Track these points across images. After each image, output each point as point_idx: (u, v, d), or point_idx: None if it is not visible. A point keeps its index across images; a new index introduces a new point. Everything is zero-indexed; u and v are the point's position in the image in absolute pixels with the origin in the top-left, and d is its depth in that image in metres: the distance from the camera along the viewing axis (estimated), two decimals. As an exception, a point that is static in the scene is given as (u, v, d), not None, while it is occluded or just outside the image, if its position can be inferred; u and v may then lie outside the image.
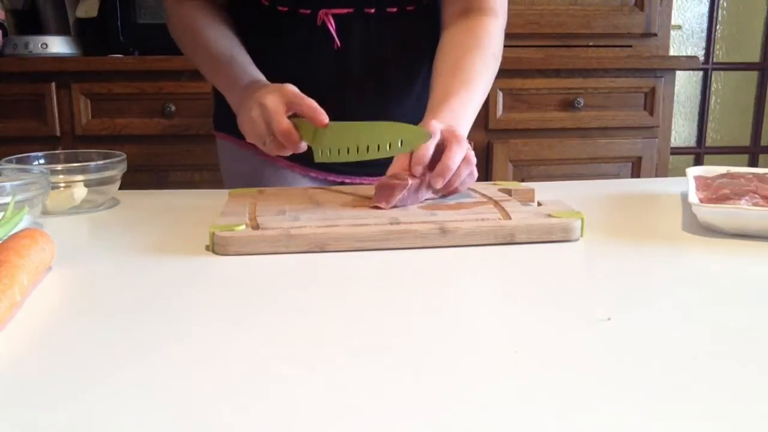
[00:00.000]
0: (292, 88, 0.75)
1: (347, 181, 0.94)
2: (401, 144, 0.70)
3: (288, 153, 0.76)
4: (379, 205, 0.69)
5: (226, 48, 0.85)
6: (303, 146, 0.75)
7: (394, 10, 0.88)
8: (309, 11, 0.86)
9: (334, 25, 0.86)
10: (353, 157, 0.72)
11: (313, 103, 0.73)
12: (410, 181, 0.69)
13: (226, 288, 0.53)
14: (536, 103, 1.93)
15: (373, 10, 0.87)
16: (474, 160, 0.72)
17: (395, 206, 0.69)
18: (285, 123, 0.73)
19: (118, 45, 1.88)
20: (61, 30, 1.97)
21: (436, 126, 0.71)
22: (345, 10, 0.86)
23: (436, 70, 0.85)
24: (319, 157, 0.74)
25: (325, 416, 0.33)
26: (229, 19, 0.89)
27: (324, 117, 0.72)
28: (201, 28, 0.86)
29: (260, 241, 0.60)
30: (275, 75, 0.82)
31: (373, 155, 0.71)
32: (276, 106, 0.74)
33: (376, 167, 0.80)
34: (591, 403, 0.34)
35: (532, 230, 0.63)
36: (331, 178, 0.94)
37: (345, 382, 0.37)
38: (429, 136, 0.69)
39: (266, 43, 0.88)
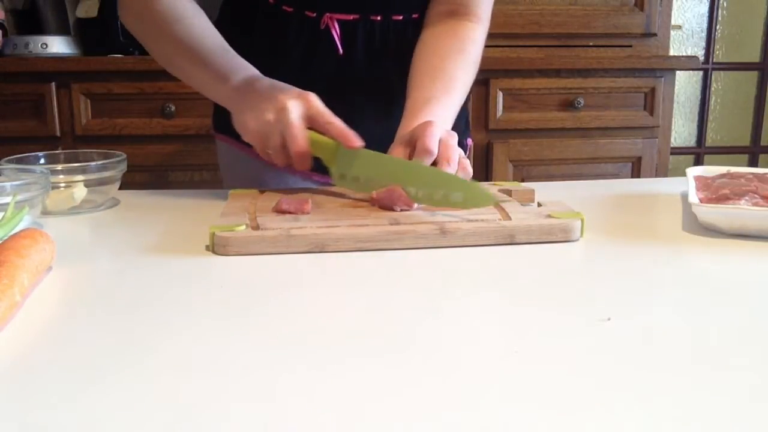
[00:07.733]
0: (317, 102, 0.70)
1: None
2: (462, 200, 0.64)
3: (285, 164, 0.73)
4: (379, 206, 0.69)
5: (218, 38, 0.80)
6: (309, 165, 0.71)
7: (400, 17, 0.88)
8: (314, 14, 0.85)
9: (338, 30, 0.85)
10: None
11: (342, 125, 0.69)
12: (416, 205, 0.68)
13: (226, 288, 0.53)
14: (536, 103, 1.93)
15: (379, 18, 0.86)
16: (470, 170, 0.72)
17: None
18: (304, 144, 0.69)
19: (118, 45, 1.89)
20: (61, 30, 1.97)
21: (435, 133, 0.69)
22: (351, 16, 0.85)
23: (416, 70, 0.83)
24: (338, 181, 0.70)
25: (325, 416, 0.33)
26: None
27: (357, 141, 0.68)
28: (186, 15, 0.79)
29: (260, 242, 0.60)
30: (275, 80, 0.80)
31: (415, 200, 0.67)
32: (298, 119, 0.69)
33: None
34: (591, 403, 0.34)
35: (531, 231, 0.63)
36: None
37: (345, 382, 0.37)
38: (496, 201, 0.64)
39: (268, 46, 0.87)
